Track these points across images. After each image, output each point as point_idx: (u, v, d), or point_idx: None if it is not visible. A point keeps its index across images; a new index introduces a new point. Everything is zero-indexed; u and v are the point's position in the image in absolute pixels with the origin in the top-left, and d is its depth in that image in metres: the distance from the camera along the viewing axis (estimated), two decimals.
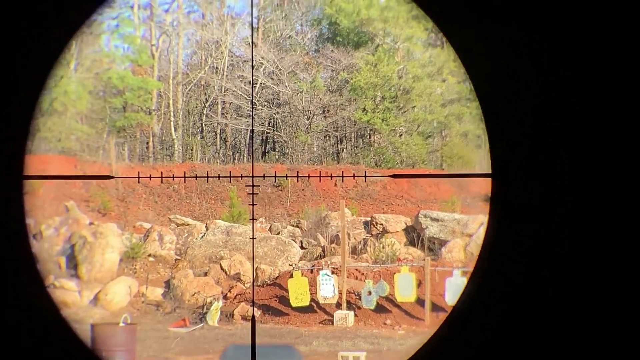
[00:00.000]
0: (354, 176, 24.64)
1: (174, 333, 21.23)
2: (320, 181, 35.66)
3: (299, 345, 18.94)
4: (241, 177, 25.19)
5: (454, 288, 22.05)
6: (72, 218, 28.78)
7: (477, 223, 27.85)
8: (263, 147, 45.60)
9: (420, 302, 22.52)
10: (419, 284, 22.72)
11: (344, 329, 21.58)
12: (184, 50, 47.81)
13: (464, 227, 28.12)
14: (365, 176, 25.18)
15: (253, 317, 10.23)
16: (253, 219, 22.56)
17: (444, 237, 28.03)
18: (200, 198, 34.97)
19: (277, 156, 42.97)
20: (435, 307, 22.47)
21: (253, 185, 23.54)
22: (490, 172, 3.66)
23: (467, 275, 22.65)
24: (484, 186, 35.41)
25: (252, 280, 23.34)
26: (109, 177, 26.21)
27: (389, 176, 25.15)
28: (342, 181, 35.95)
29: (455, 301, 3.74)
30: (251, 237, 23.08)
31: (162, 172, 36.22)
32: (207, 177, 26.42)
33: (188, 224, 30.01)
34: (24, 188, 3.51)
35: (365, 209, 33.60)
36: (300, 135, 41.72)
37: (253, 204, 23.08)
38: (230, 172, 27.21)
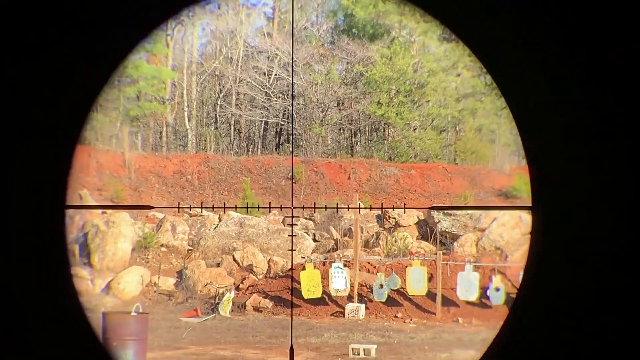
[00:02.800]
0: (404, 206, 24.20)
1: (186, 323, 21.27)
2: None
3: (310, 337, 18.94)
4: (280, 208, 24.58)
5: (465, 282, 22.04)
6: None
7: (490, 218, 27.79)
8: (277, 139, 45.60)
9: (431, 295, 22.50)
10: (431, 278, 22.70)
11: (355, 322, 21.57)
12: (198, 40, 47.86)
13: (476, 222, 28.06)
14: (404, 207, 24.84)
15: (291, 348, 9.83)
16: (292, 250, 21.90)
17: (456, 232, 27.99)
18: (214, 189, 35.02)
19: (291, 148, 42.97)
20: (447, 301, 22.45)
21: (292, 216, 22.96)
22: (530, 204, 3.60)
23: (478, 270, 22.62)
24: (497, 181, 35.37)
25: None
26: (149, 207, 26.25)
27: (428, 208, 25.05)
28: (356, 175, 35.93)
29: (495, 333, 3.69)
30: (291, 267, 22.48)
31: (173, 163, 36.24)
32: (247, 207, 25.86)
33: (201, 215, 30.06)
34: (65, 217, 3.52)
35: (378, 202, 33.57)
36: (314, 128, 41.69)
37: (292, 235, 22.39)
38: (269, 203, 26.17)
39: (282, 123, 44.85)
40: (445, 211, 29.00)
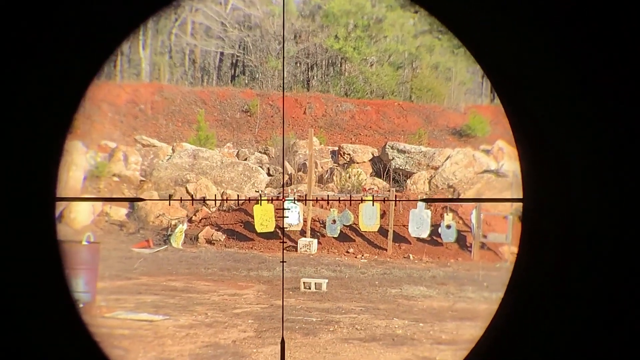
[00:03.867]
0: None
1: (137, 253, 21.23)
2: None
3: (262, 270, 19.03)
4: (271, 200, 23.74)
5: (417, 219, 22.26)
6: None
7: (443, 156, 27.97)
8: (233, 71, 45.12)
9: (383, 232, 22.71)
10: (383, 215, 22.88)
11: (307, 256, 21.73)
12: None
13: (430, 159, 28.23)
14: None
15: (282, 340, 9.52)
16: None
17: (410, 169, 28.16)
18: (167, 120, 34.66)
19: (246, 81, 42.56)
20: (398, 238, 22.68)
21: (283, 209, 22.47)
22: (521, 197, 3.57)
23: (430, 208, 22.84)
24: (452, 119, 35.51)
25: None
26: (140, 200, 25.72)
27: (423, 200, 24.66)
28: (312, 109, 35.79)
29: (484, 328, 3.67)
30: (282, 260, 21.93)
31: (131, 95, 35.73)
32: (237, 200, 24.99)
33: (154, 146, 29.79)
34: (55, 209, 3.45)
35: (333, 138, 33.56)
36: (270, 61, 41.30)
37: (284, 228, 21.99)
38: (260, 195, 24.92)
39: (238, 54, 44.33)
40: (400, 149, 29.11)
